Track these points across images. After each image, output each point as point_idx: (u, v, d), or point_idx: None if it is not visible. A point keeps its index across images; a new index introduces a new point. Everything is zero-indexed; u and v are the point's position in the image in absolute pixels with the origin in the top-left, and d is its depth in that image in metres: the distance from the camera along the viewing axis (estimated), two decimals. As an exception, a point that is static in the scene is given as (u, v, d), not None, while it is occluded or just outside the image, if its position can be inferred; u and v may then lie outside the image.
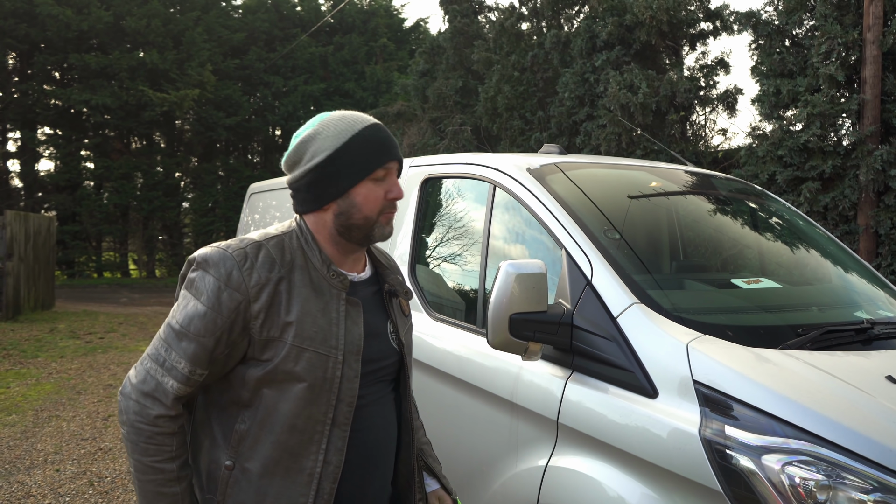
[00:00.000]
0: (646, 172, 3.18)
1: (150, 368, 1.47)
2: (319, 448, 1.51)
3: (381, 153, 1.58)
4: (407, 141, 14.99)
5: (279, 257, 1.53)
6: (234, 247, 1.51)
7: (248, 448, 1.51)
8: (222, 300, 1.45)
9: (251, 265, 1.49)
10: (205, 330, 1.45)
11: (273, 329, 1.48)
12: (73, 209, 23.34)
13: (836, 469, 1.60)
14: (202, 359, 1.46)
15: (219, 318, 1.45)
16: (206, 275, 1.48)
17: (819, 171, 7.61)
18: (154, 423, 1.44)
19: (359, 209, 1.57)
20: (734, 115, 10.28)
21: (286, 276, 1.52)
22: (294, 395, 1.49)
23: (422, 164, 3.39)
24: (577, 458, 2.09)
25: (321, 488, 1.51)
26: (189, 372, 1.45)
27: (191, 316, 1.46)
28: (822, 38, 7.59)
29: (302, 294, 1.51)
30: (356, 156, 1.55)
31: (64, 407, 6.46)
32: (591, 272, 2.22)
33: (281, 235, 1.59)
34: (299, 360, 1.48)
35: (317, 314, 1.51)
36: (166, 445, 1.46)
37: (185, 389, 1.46)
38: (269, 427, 1.49)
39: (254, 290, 1.47)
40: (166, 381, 1.45)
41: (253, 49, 24.85)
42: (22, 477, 4.64)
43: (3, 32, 21.51)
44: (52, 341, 10.11)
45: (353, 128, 1.57)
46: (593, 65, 10.79)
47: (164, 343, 1.48)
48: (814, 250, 3.06)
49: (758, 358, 1.91)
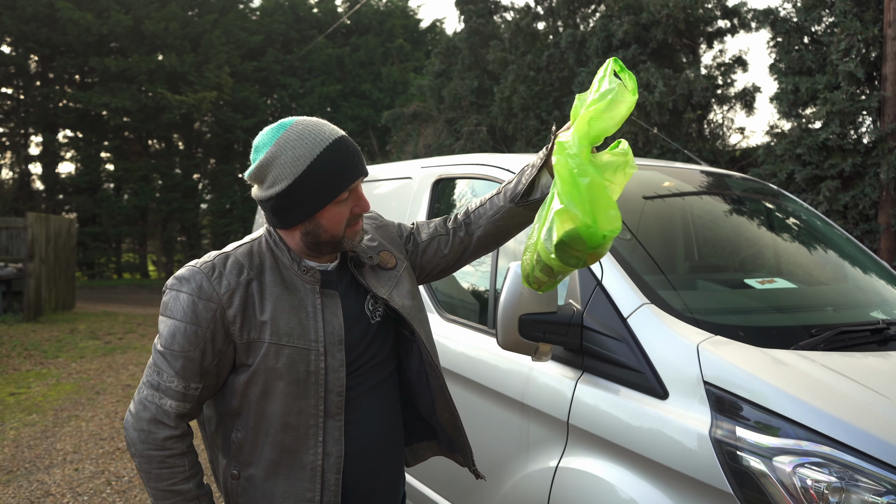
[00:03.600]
0: (659, 172, 3.16)
1: (146, 396, 1.49)
2: (317, 441, 1.53)
3: (342, 178, 1.52)
4: (423, 142, 15.00)
5: (247, 262, 1.55)
6: (202, 261, 1.55)
7: (247, 455, 1.53)
8: (198, 312, 1.48)
9: (219, 274, 1.51)
10: (188, 344, 1.47)
11: (252, 331, 1.50)
12: (94, 211, 23.61)
13: (849, 471, 1.58)
14: (193, 372, 1.48)
15: (199, 329, 1.47)
16: (179, 293, 1.50)
17: (838, 170, 7.51)
18: (163, 446, 1.47)
19: (325, 230, 1.56)
20: (752, 114, 10.18)
21: (256, 277, 1.54)
22: (281, 393, 1.50)
23: (434, 166, 3.40)
24: (587, 460, 2.08)
25: (326, 481, 1.53)
26: (184, 388, 1.48)
27: (172, 334, 1.48)
28: (842, 34, 7.49)
29: (274, 293, 1.53)
30: (318, 184, 1.50)
31: (83, 407, 6.54)
32: (601, 272, 2.21)
33: (250, 242, 1.61)
34: (279, 356, 1.49)
35: (290, 310, 1.53)
36: (179, 467, 1.48)
37: (184, 406, 1.48)
38: (264, 430, 1.51)
39: (225, 296, 1.49)
40: (164, 402, 1.47)
41: (270, 51, 24.99)
42: (42, 476, 4.70)
43: (25, 36, 21.82)
44: (72, 342, 10.23)
45: (312, 152, 1.49)
46: (609, 64, 10.72)
47: (154, 368, 1.50)
48: (830, 250, 3.02)
49: (770, 359, 1.89)
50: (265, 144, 1.53)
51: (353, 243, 1.61)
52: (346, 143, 1.55)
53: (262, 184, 1.54)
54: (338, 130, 1.56)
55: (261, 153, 1.52)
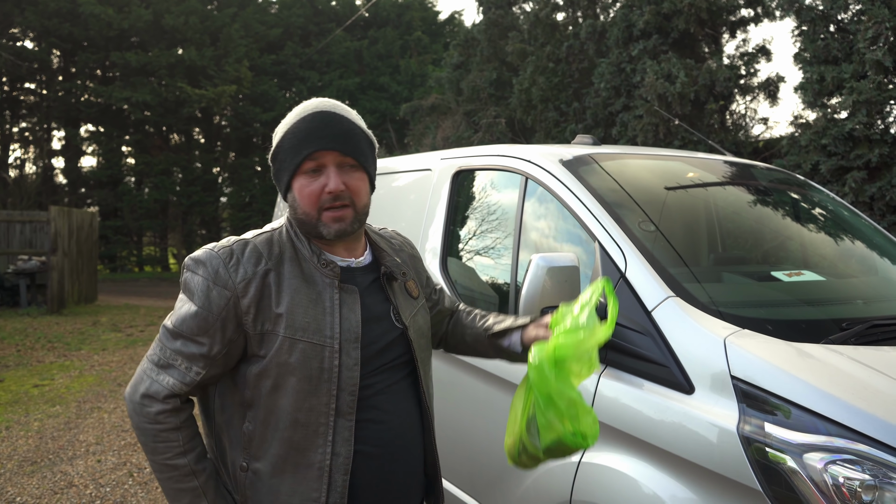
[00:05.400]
0: (682, 163, 3.10)
1: (146, 369, 1.49)
2: (326, 440, 1.48)
3: (302, 145, 1.49)
4: (441, 134, 14.98)
5: (266, 251, 1.52)
6: (221, 246, 1.52)
7: (256, 448, 1.49)
8: (211, 298, 1.45)
9: (237, 261, 1.48)
10: (198, 329, 1.45)
11: (266, 322, 1.46)
12: (115, 204, 23.88)
13: (883, 469, 1.54)
14: (197, 358, 1.46)
15: (210, 315, 1.45)
16: (195, 275, 1.48)
17: (865, 161, 7.38)
18: (155, 419, 1.45)
19: (300, 204, 1.53)
20: (776, 104, 10.05)
21: (274, 268, 1.50)
22: (292, 389, 1.46)
23: (453, 157, 3.36)
24: (610, 455, 2.05)
25: (333, 481, 1.48)
26: (185, 369, 1.46)
27: (184, 316, 1.47)
28: (869, 22, 7.35)
29: (292, 285, 1.50)
30: (287, 150, 1.52)
31: (105, 399, 6.60)
32: (624, 265, 2.17)
33: (271, 231, 1.59)
34: (293, 351, 1.46)
35: (307, 304, 1.49)
36: (173, 441, 1.46)
37: (180, 387, 1.46)
38: (273, 424, 1.48)
39: (241, 285, 1.46)
40: (161, 377, 1.46)
41: (288, 44, 25.07)
42: (65, 467, 4.75)
43: (48, 32, 22.07)
44: (94, 334, 10.35)
45: (291, 119, 1.54)
46: (630, 54, 10.62)
47: (159, 344, 1.49)
48: (859, 241, 2.96)
49: (799, 353, 1.84)
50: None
51: (330, 232, 1.52)
52: (328, 116, 1.52)
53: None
54: (335, 107, 1.55)
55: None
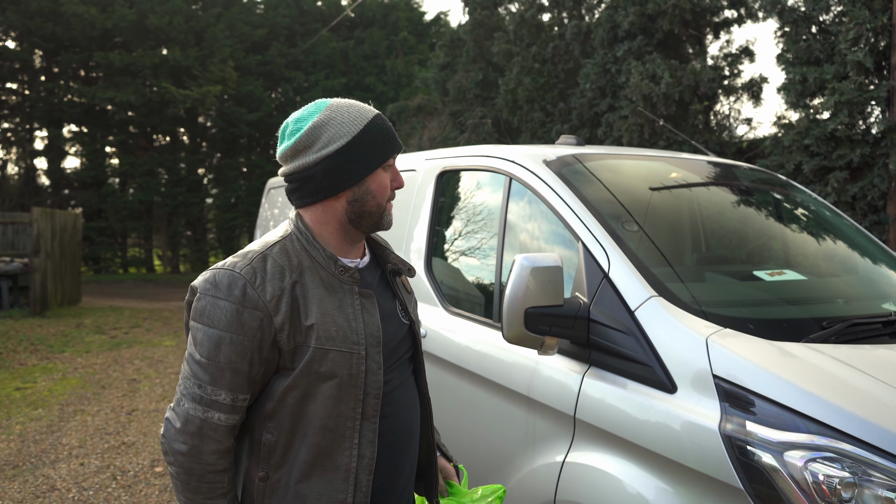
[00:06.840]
0: (666, 163, 3.12)
1: (190, 409, 1.44)
2: (352, 443, 1.51)
3: (392, 143, 1.60)
4: (427, 134, 14.96)
5: (286, 263, 1.50)
6: (241, 265, 1.47)
7: (279, 457, 1.50)
8: (244, 322, 1.42)
9: (262, 279, 1.46)
10: (235, 355, 1.42)
11: (298, 335, 1.46)
12: (99, 206, 23.66)
13: (862, 466, 1.55)
14: (241, 384, 1.44)
15: (245, 339, 1.43)
16: (218, 300, 1.44)
17: (847, 161, 7.44)
18: (207, 461, 1.44)
19: (373, 196, 1.58)
20: (759, 105, 10.10)
21: (298, 279, 1.50)
22: (322, 396, 1.48)
23: (438, 157, 3.37)
24: (594, 454, 2.05)
25: (359, 482, 1.51)
26: (232, 401, 1.44)
27: (215, 345, 1.43)
28: (850, 23, 7.41)
29: (316, 294, 1.50)
30: (372, 144, 1.55)
31: (89, 401, 6.54)
32: (608, 265, 2.18)
33: (282, 240, 1.56)
34: (324, 361, 1.47)
35: (334, 312, 1.50)
36: (218, 483, 1.46)
37: (233, 419, 1.45)
38: (301, 432, 1.48)
39: (272, 303, 1.44)
40: (211, 415, 1.43)
41: (274, 45, 24.95)
42: (47, 470, 4.70)
43: (30, 31, 21.84)
44: (78, 336, 10.25)
45: (365, 116, 1.57)
46: (615, 55, 10.66)
47: (195, 380, 1.44)
48: (840, 241, 2.98)
49: (780, 352, 1.86)
50: (309, 116, 1.55)
51: (390, 220, 1.64)
52: (386, 118, 1.64)
53: (311, 148, 1.53)
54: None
55: (305, 122, 1.54)
